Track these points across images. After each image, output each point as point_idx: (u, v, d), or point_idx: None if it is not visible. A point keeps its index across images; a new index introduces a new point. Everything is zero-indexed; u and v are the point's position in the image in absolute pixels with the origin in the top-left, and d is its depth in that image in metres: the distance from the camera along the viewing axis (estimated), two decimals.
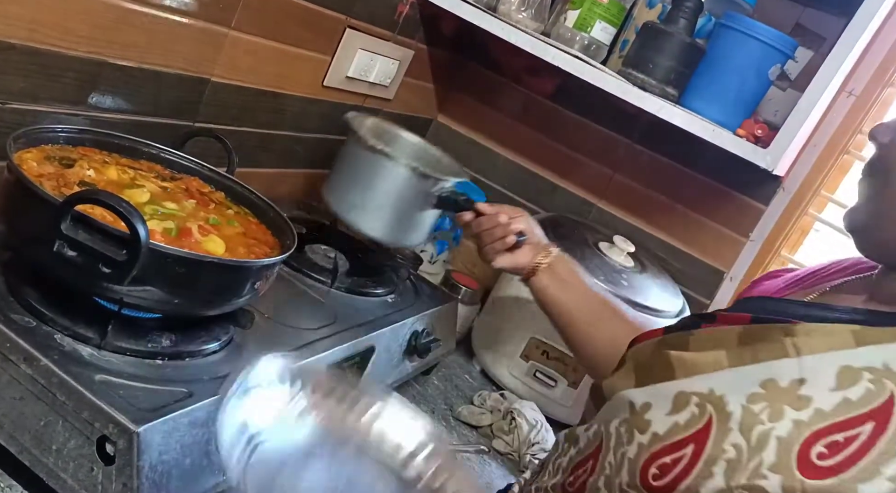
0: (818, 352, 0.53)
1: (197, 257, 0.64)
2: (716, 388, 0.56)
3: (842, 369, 0.52)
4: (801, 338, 0.54)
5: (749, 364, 0.55)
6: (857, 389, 0.51)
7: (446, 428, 1.08)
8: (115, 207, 0.57)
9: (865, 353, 0.52)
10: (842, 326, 0.54)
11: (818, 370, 0.52)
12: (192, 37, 0.92)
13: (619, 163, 1.49)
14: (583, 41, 1.25)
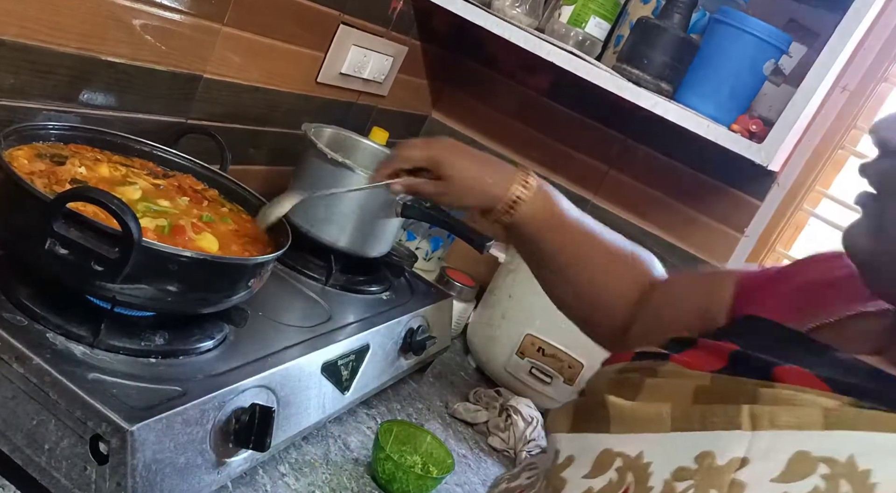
0: (778, 428, 0.42)
1: (190, 255, 0.63)
2: (646, 452, 0.47)
3: (797, 456, 0.41)
4: (764, 407, 0.43)
5: (694, 431, 0.45)
6: (804, 485, 0.40)
7: (441, 426, 1.08)
8: (107, 205, 0.56)
9: (832, 439, 0.41)
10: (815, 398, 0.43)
11: (769, 451, 0.42)
12: (185, 33, 0.92)
13: (613, 159, 1.49)
14: (577, 37, 1.24)
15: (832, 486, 0.39)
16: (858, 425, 0.41)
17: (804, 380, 0.45)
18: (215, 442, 0.66)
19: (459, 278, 1.38)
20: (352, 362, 0.90)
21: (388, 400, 1.06)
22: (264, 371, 0.74)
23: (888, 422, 0.40)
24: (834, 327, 0.55)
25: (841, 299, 0.58)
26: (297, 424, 0.79)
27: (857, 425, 0.41)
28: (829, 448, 0.40)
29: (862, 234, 0.49)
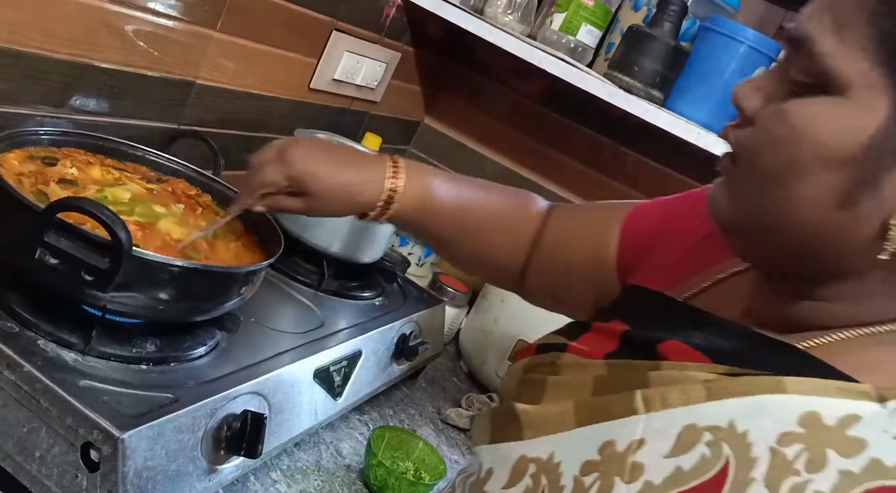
0: (669, 407, 0.45)
1: (181, 264, 0.63)
2: (556, 452, 0.49)
3: (685, 429, 0.44)
4: (654, 390, 0.46)
5: (597, 423, 0.47)
6: (692, 455, 0.43)
7: (434, 431, 1.08)
8: (97, 215, 0.56)
9: (715, 408, 0.44)
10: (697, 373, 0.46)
11: (661, 430, 0.44)
12: (177, 39, 0.92)
13: (605, 165, 1.50)
14: (569, 44, 1.25)
15: (716, 451, 0.42)
16: (736, 392, 0.44)
17: (685, 355, 0.49)
18: (207, 449, 0.66)
19: (452, 283, 1.38)
20: (344, 369, 0.90)
21: (380, 406, 1.06)
22: (256, 378, 0.74)
23: (759, 384, 0.43)
24: (709, 291, 0.58)
25: (714, 259, 0.61)
26: (288, 430, 0.79)
27: (734, 392, 0.44)
28: (712, 417, 0.43)
29: (722, 200, 0.50)
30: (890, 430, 0.40)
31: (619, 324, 0.57)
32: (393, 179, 0.71)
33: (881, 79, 0.42)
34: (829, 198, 0.44)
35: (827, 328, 0.48)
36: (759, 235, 0.49)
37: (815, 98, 0.44)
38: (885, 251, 0.43)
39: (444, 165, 1.60)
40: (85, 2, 0.79)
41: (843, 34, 0.43)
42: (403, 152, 1.63)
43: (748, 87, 0.49)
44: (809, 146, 0.44)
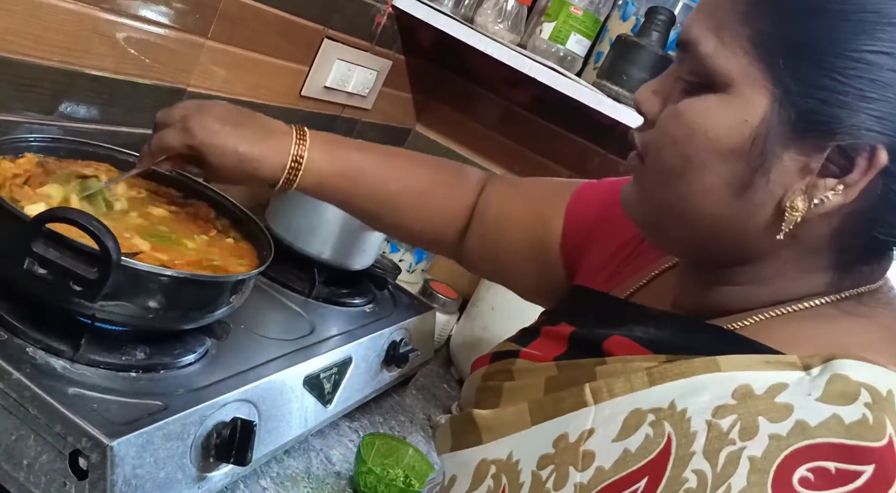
0: (615, 396, 0.47)
1: (170, 274, 0.64)
2: (514, 451, 0.50)
3: (631, 414, 0.46)
4: (603, 381, 0.49)
5: (551, 419, 0.50)
6: (637, 436, 0.45)
7: (424, 438, 1.08)
8: (86, 226, 0.56)
9: (657, 392, 0.46)
10: (639, 363, 0.49)
11: (609, 417, 0.47)
12: (169, 47, 0.92)
13: (595, 173, 1.50)
14: (558, 53, 1.26)
15: (658, 430, 0.45)
16: (675, 374, 0.46)
17: (628, 349, 0.52)
18: (196, 457, 0.66)
19: (442, 290, 1.38)
20: (334, 375, 0.90)
21: (370, 413, 1.06)
22: (246, 385, 0.74)
23: (695, 366, 0.46)
24: (645, 288, 0.62)
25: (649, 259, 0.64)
26: (278, 438, 0.79)
27: (674, 375, 0.46)
28: (655, 400, 0.46)
29: (632, 198, 0.54)
30: (813, 393, 0.42)
31: (566, 326, 0.60)
32: (299, 146, 0.71)
33: (759, 74, 0.45)
34: (725, 188, 0.47)
35: (749, 310, 0.51)
36: (669, 227, 0.52)
37: (704, 96, 0.47)
38: (781, 232, 0.46)
39: None
40: (76, 9, 0.79)
41: (722, 35, 0.46)
42: None
43: (647, 91, 0.52)
44: (703, 142, 0.47)
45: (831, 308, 0.49)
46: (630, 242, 0.67)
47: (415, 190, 0.78)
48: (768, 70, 0.44)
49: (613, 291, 0.64)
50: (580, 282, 0.68)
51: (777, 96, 0.44)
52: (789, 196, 0.45)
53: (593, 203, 0.72)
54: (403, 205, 0.78)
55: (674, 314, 0.55)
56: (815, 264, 0.49)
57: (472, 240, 0.80)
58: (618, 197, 0.70)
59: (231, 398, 0.71)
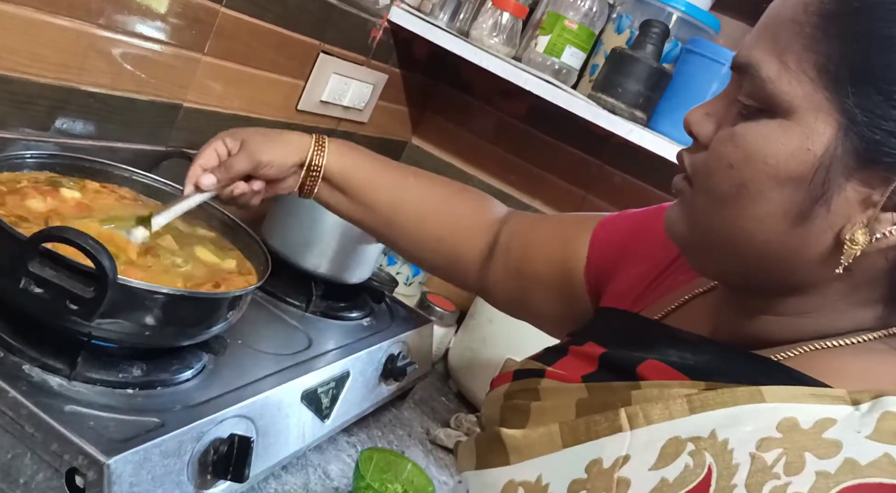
0: (653, 422, 0.46)
1: (167, 292, 0.63)
2: (544, 474, 0.49)
3: (669, 442, 0.45)
4: (639, 407, 0.47)
5: (583, 443, 0.48)
6: (676, 466, 0.44)
7: (423, 452, 1.08)
8: (82, 245, 0.56)
9: (697, 420, 0.45)
10: (678, 389, 0.47)
11: (646, 445, 0.46)
12: (165, 63, 0.92)
13: (591, 183, 1.51)
14: (553, 66, 1.27)
15: (698, 460, 0.43)
16: (716, 403, 0.45)
17: (664, 374, 0.50)
18: (193, 474, 0.65)
19: (440, 302, 1.38)
20: (332, 390, 0.90)
21: (368, 427, 1.06)
22: (243, 401, 0.74)
23: (738, 395, 0.45)
24: (677, 312, 0.60)
25: (678, 283, 0.63)
26: (276, 453, 0.79)
27: (715, 404, 0.45)
28: (695, 429, 0.45)
29: (678, 221, 0.52)
30: (863, 431, 0.41)
31: (594, 346, 0.58)
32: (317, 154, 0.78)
33: (825, 102, 0.43)
34: (782, 217, 0.45)
35: (792, 342, 0.49)
36: (717, 253, 0.50)
37: (763, 121, 0.45)
38: (840, 266, 0.44)
39: None
40: (72, 27, 0.79)
41: (785, 59, 0.44)
42: None
43: (699, 113, 0.51)
44: (761, 167, 0.45)
45: (880, 344, 0.47)
46: (657, 266, 0.66)
47: (431, 199, 0.81)
48: (835, 98, 0.43)
49: (643, 313, 0.63)
50: (607, 304, 0.67)
51: (843, 125, 0.42)
52: (849, 229, 0.43)
53: (618, 231, 0.72)
54: (420, 214, 0.81)
55: (712, 341, 0.54)
56: (865, 298, 0.47)
57: (497, 268, 0.80)
58: (643, 225, 0.71)
59: (228, 415, 0.70)
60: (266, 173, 0.76)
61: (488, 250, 0.81)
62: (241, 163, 0.75)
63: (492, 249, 0.81)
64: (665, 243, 0.65)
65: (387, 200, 0.80)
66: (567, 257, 0.74)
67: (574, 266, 0.73)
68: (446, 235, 0.81)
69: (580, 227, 0.75)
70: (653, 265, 0.67)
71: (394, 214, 0.81)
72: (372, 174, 0.80)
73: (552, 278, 0.75)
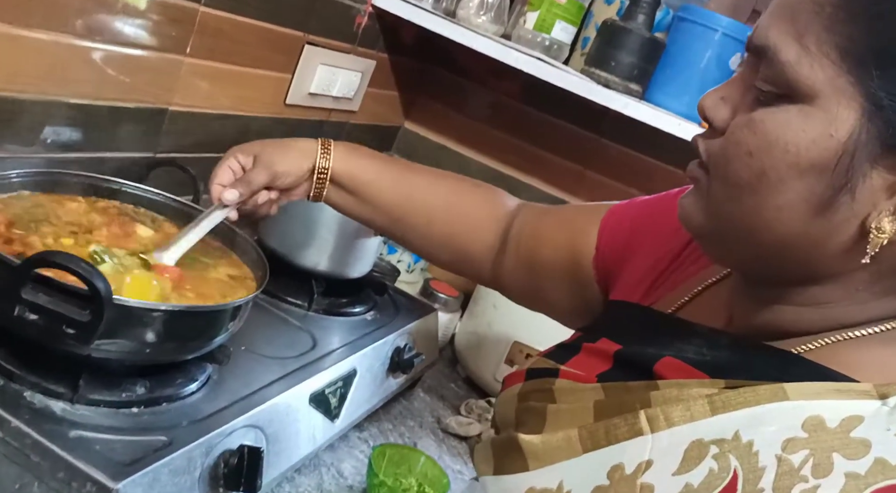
0: (674, 425, 0.45)
1: (165, 308, 0.62)
2: (565, 481, 0.48)
3: (692, 445, 0.44)
4: (659, 408, 0.46)
5: (603, 447, 0.47)
6: (700, 470, 0.43)
7: (435, 442, 1.08)
8: (74, 270, 0.55)
9: (719, 421, 0.44)
10: (698, 389, 0.46)
11: (668, 448, 0.44)
12: (147, 68, 0.90)
13: (589, 158, 1.49)
14: (544, 42, 1.24)
15: (723, 464, 0.42)
16: (739, 403, 0.44)
17: (681, 372, 0.49)
18: (205, 489, 0.65)
19: (443, 289, 1.37)
20: (340, 389, 0.89)
21: (378, 421, 1.06)
22: (251, 410, 0.73)
23: (761, 393, 0.43)
24: (690, 305, 0.59)
25: (689, 273, 0.61)
26: (287, 459, 0.79)
27: (738, 404, 0.44)
28: (718, 430, 0.43)
29: (695, 211, 0.50)
30: (892, 428, 0.40)
31: (608, 342, 0.57)
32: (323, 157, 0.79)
33: (848, 86, 0.41)
34: (804, 206, 0.44)
35: (811, 333, 0.48)
36: (735, 242, 0.48)
37: (783, 106, 0.44)
38: (865, 255, 0.42)
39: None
40: (50, 39, 0.77)
41: (805, 42, 0.42)
42: None
43: (714, 97, 0.49)
44: (781, 155, 0.43)
45: None
46: (667, 256, 0.65)
47: (438, 199, 0.81)
48: (858, 82, 0.41)
49: (655, 306, 0.61)
50: (617, 297, 0.66)
51: (867, 110, 0.41)
52: (875, 217, 0.42)
53: (627, 219, 0.71)
54: (428, 212, 0.80)
55: (728, 334, 0.52)
56: (890, 288, 0.45)
57: (509, 261, 0.79)
58: (651, 214, 0.70)
59: (237, 425, 0.70)
60: (283, 183, 0.78)
61: (500, 243, 0.81)
62: (259, 176, 0.76)
63: (503, 242, 0.80)
64: (674, 232, 0.64)
65: (394, 200, 0.81)
66: (576, 246, 0.73)
67: (583, 256, 0.72)
68: (455, 232, 0.81)
69: (589, 216, 0.74)
70: (663, 255, 0.65)
71: (402, 214, 0.81)
72: (378, 175, 0.81)
73: (562, 268, 0.74)
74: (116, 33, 0.84)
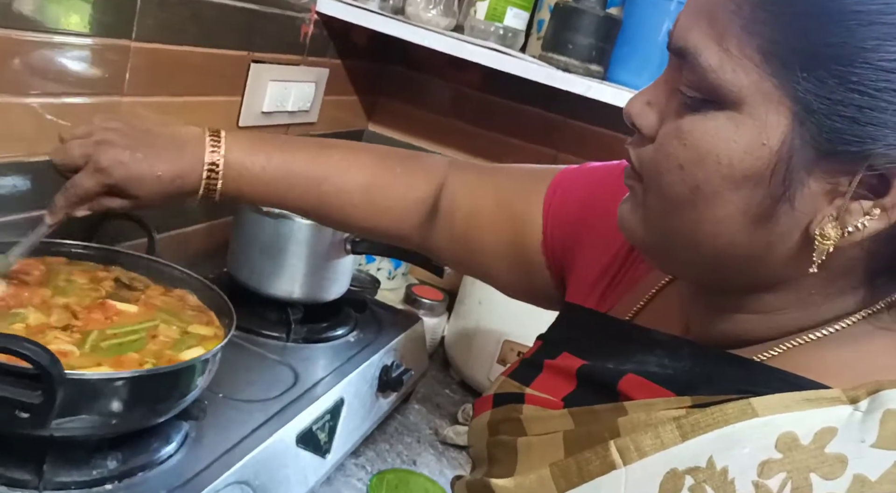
0: (646, 455, 0.43)
1: (126, 376, 0.59)
2: None
3: (666, 477, 0.42)
4: (628, 438, 0.44)
5: (577, 486, 0.45)
6: None
7: (435, 456, 1.06)
8: (17, 351, 0.52)
9: (690, 447, 0.42)
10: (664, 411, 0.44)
11: (643, 481, 0.43)
12: (85, 113, 0.86)
13: (559, 141, 1.46)
14: (498, 31, 1.20)
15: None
16: (708, 425, 0.42)
17: (646, 390, 0.47)
18: None
19: (426, 293, 1.35)
20: (328, 423, 0.87)
21: (374, 442, 1.03)
22: (235, 464, 0.70)
23: (729, 413, 0.41)
24: (646, 309, 0.56)
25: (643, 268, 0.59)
26: None
27: (707, 425, 0.42)
28: (690, 458, 0.41)
29: (634, 223, 0.48)
30: (867, 438, 0.38)
31: (569, 357, 0.55)
32: (212, 153, 0.69)
33: (774, 91, 0.39)
34: (743, 218, 0.41)
35: (771, 339, 0.46)
36: (678, 254, 0.46)
37: (710, 113, 0.41)
38: (812, 264, 0.41)
39: None
40: None
41: (725, 44, 0.39)
42: None
43: (640, 102, 0.46)
44: (714, 168, 0.41)
45: (865, 325, 0.44)
46: (620, 251, 0.62)
47: (352, 187, 0.73)
48: (785, 85, 0.38)
49: (612, 311, 0.59)
50: (573, 299, 0.63)
51: (797, 115, 0.38)
52: (818, 223, 0.40)
53: (574, 197, 0.67)
54: (342, 203, 0.74)
55: (689, 342, 0.50)
56: (843, 287, 0.44)
57: (441, 238, 0.74)
58: (599, 193, 0.65)
59: (221, 485, 0.67)
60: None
61: (427, 217, 0.75)
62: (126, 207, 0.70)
63: (432, 215, 0.75)
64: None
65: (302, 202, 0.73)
66: (518, 229, 0.68)
67: (529, 241, 0.68)
68: (371, 227, 0.75)
69: (529, 190, 0.69)
70: (616, 250, 0.62)
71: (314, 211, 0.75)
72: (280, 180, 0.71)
73: (505, 251, 0.70)
74: (46, 86, 0.80)
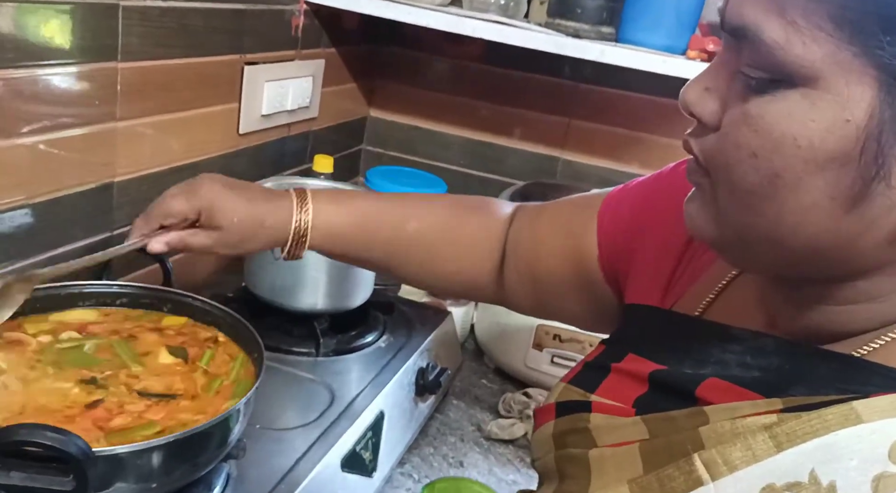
0: (736, 469, 0.39)
1: (158, 444, 0.56)
2: None
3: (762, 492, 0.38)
4: (715, 451, 0.40)
5: None
6: None
7: (481, 454, 1.03)
8: (38, 442, 0.48)
9: (787, 459, 0.38)
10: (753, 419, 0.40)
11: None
12: (79, 147, 0.81)
13: (571, 108, 1.40)
14: (498, 2, 1.14)
15: None
16: (806, 434, 0.38)
17: (729, 395, 0.44)
18: None
19: None
20: (370, 440, 0.84)
21: (417, 448, 1.01)
22: None
23: (829, 419, 0.38)
24: (717, 303, 0.52)
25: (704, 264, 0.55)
26: None
27: (804, 434, 0.38)
28: (789, 472, 0.38)
29: (705, 221, 0.44)
30: None
31: (637, 359, 0.52)
32: (300, 212, 0.70)
33: (854, 60, 0.34)
34: (830, 203, 0.37)
35: (866, 331, 0.42)
36: (758, 250, 0.42)
37: (781, 93, 0.37)
38: None
39: (405, 153, 1.51)
40: None
41: (790, 16, 0.35)
42: (358, 151, 1.53)
43: (697, 89, 0.42)
44: (792, 152, 0.37)
45: None
46: (677, 245, 0.58)
47: (439, 226, 0.73)
48: (865, 53, 0.34)
49: (677, 307, 0.55)
50: (633, 300, 0.60)
51: (884, 83, 0.34)
52: None
53: (626, 207, 0.64)
54: (430, 243, 0.73)
55: (773, 337, 0.46)
56: None
57: (511, 276, 0.73)
58: (650, 196, 0.63)
59: None
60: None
61: (500, 261, 0.75)
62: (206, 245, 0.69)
63: (502, 259, 0.74)
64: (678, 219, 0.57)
65: (389, 245, 0.73)
66: (576, 248, 0.67)
67: (586, 258, 0.66)
68: (454, 271, 0.75)
69: (583, 210, 0.68)
70: (672, 246, 0.58)
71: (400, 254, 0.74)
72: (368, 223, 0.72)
73: (567, 274, 0.68)
74: (33, 120, 0.75)
